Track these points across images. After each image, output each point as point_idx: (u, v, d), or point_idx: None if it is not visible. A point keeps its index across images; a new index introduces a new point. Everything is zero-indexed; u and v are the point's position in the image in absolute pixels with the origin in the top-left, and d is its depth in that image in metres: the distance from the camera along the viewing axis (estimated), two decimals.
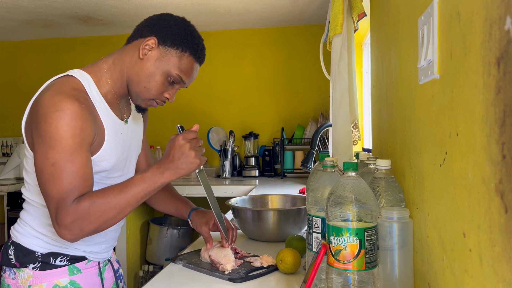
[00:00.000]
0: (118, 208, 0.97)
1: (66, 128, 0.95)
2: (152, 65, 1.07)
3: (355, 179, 0.76)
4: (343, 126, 1.52)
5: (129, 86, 1.11)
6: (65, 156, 0.95)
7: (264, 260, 1.10)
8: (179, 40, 1.08)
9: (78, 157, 0.97)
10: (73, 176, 0.96)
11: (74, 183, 0.96)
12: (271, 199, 1.60)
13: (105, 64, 1.11)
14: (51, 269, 1.08)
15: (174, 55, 1.08)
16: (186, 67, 1.10)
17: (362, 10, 1.46)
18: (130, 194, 0.98)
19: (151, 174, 1.00)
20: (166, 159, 1.01)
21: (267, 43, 3.52)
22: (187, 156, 1.00)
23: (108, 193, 0.97)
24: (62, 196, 0.95)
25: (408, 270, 0.81)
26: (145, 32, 1.09)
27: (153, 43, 1.07)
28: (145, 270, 3.07)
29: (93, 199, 0.96)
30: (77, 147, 0.97)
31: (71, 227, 0.94)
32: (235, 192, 2.80)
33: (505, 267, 0.44)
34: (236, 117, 3.56)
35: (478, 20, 0.50)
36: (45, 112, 0.95)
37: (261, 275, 1.06)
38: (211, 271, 1.08)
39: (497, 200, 0.45)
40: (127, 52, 1.10)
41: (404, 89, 0.94)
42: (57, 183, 0.95)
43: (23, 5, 2.86)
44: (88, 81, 1.06)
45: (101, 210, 0.95)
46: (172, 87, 1.11)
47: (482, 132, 0.50)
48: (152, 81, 1.08)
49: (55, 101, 0.96)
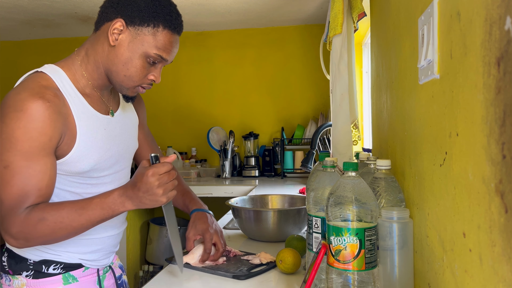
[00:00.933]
0: (70, 229, 0.92)
1: (23, 131, 0.89)
2: (126, 50, 0.98)
3: (355, 179, 0.76)
4: (343, 126, 1.52)
5: (109, 77, 1.02)
6: (19, 159, 0.89)
7: (262, 257, 1.11)
8: (147, 15, 0.97)
9: (34, 162, 0.90)
10: (26, 182, 0.90)
11: (26, 190, 0.90)
12: (271, 199, 1.60)
13: (78, 56, 1.03)
14: (44, 278, 1.02)
15: (146, 33, 0.97)
16: (164, 43, 0.99)
17: (362, 10, 1.46)
18: (85, 217, 0.93)
19: (111, 201, 0.94)
20: (131, 189, 0.94)
21: (267, 43, 3.52)
22: (153, 194, 0.92)
23: (62, 211, 0.92)
24: (11, 203, 0.89)
25: (408, 270, 0.81)
26: (110, 14, 0.99)
27: (120, 26, 0.97)
28: (145, 270, 3.07)
29: (44, 215, 0.90)
30: (34, 151, 0.90)
31: (16, 236, 0.90)
32: (235, 192, 2.80)
33: (505, 267, 0.44)
34: (236, 117, 3.56)
35: (478, 20, 0.50)
36: (5, 112, 0.91)
37: (263, 271, 1.07)
38: (213, 269, 1.08)
39: (497, 200, 0.45)
40: (98, 41, 1.01)
41: (404, 89, 0.94)
42: (7, 187, 0.89)
43: (23, 5, 2.86)
44: (61, 76, 0.99)
45: (49, 228, 0.91)
46: (154, 68, 1.02)
47: (482, 132, 0.50)
48: (131, 67, 0.98)
49: (16, 101, 0.91)
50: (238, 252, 1.19)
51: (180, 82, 3.60)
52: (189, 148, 3.57)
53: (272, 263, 1.11)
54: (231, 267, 1.09)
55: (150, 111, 4.16)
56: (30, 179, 0.90)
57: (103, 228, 1.08)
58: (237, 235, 1.47)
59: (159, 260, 3.12)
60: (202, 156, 3.57)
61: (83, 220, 0.93)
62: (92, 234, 1.06)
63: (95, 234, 1.07)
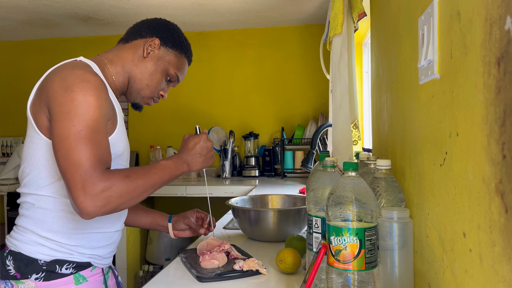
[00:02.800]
0: (146, 186, 0.97)
1: (95, 98, 0.94)
2: (154, 64, 1.16)
3: (355, 179, 0.76)
4: (343, 126, 1.52)
5: (130, 83, 1.16)
6: (92, 124, 0.93)
7: (245, 264, 1.07)
8: (178, 43, 1.19)
9: (102, 128, 0.96)
10: (100, 146, 0.93)
11: (101, 153, 0.93)
12: (271, 199, 1.60)
13: (106, 59, 1.14)
14: (56, 279, 1.01)
15: (173, 56, 1.19)
16: (182, 67, 1.22)
17: (362, 10, 1.46)
18: (157, 175, 1.00)
19: (174, 162, 1.06)
20: (187, 153, 1.10)
21: (267, 43, 3.52)
22: (208, 153, 1.13)
23: (139, 171, 0.98)
24: (93, 164, 0.90)
25: (408, 270, 0.81)
26: (145, 33, 1.17)
27: (157, 44, 1.15)
28: (145, 270, 3.07)
29: (126, 173, 0.95)
30: (101, 119, 0.95)
31: (99, 197, 0.88)
32: (235, 192, 2.80)
33: (505, 267, 0.44)
34: (236, 117, 3.56)
35: (478, 20, 0.50)
36: (71, 84, 0.94)
37: (231, 278, 1.03)
38: (191, 268, 1.09)
39: (497, 200, 0.45)
40: (127, 51, 1.16)
41: (404, 89, 0.94)
42: (86, 149, 0.90)
43: (23, 5, 2.85)
44: (96, 68, 1.08)
45: (133, 184, 0.94)
46: (167, 86, 1.22)
47: (482, 132, 0.50)
48: (154, 78, 1.16)
49: (79, 74, 0.96)
50: (238, 256, 1.17)
51: (180, 82, 3.60)
52: None
53: (252, 271, 1.05)
54: (217, 267, 1.09)
55: (150, 111, 4.16)
56: (102, 142, 0.95)
57: (111, 222, 1.12)
58: (237, 235, 1.47)
59: (159, 260, 3.12)
60: None
61: (156, 178, 1.00)
62: (103, 228, 1.10)
63: (105, 228, 1.10)
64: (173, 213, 1.38)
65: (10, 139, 3.83)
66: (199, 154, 1.11)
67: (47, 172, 1.02)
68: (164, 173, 1.02)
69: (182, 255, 1.21)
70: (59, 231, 1.03)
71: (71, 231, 1.04)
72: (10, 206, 3.02)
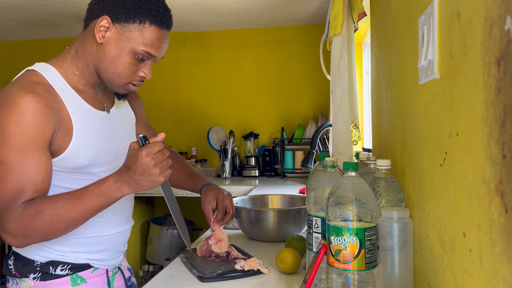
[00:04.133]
0: (68, 220, 0.89)
1: (15, 125, 0.88)
2: (113, 47, 0.97)
3: (355, 179, 0.76)
4: (343, 126, 1.52)
5: (98, 74, 1.02)
6: (13, 155, 0.88)
7: (246, 263, 1.06)
8: (133, 11, 0.96)
9: (28, 157, 0.89)
10: (21, 178, 0.88)
11: (21, 185, 0.88)
12: (271, 199, 1.60)
13: (69, 54, 1.04)
14: (52, 279, 1.01)
15: (133, 30, 0.96)
16: (151, 39, 0.98)
17: (362, 10, 1.46)
18: (82, 207, 0.90)
19: (107, 188, 0.90)
20: (126, 172, 0.90)
21: (267, 43, 3.52)
22: (150, 174, 0.89)
23: (58, 203, 0.89)
24: (6, 199, 0.88)
25: (408, 270, 0.81)
26: (97, 11, 0.99)
27: (107, 23, 0.97)
28: (145, 270, 3.07)
29: (40, 208, 0.88)
30: (27, 145, 0.89)
31: (14, 233, 0.88)
32: (235, 192, 2.80)
33: (505, 267, 0.44)
34: (236, 117, 3.56)
35: (478, 20, 0.50)
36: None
37: (233, 278, 1.03)
38: (192, 268, 1.08)
39: (497, 200, 0.45)
40: (86, 38, 1.02)
41: (404, 89, 0.94)
42: (2, 184, 0.87)
43: (23, 5, 2.86)
44: (52, 73, 1.00)
45: (47, 221, 0.88)
46: (144, 64, 1.01)
47: (482, 132, 0.50)
48: (119, 64, 0.98)
49: (6, 96, 0.90)
50: (238, 256, 1.16)
51: (180, 82, 3.60)
52: (189, 148, 3.57)
53: (253, 270, 1.05)
54: (218, 267, 1.09)
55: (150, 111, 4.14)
56: (25, 173, 0.88)
57: (109, 225, 1.08)
58: (237, 235, 1.47)
59: (159, 260, 3.12)
60: (202, 156, 3.57)
61: (80, 210, 0.89)
62: (99, 232, 1.06)
63: (101, 232, 1.07)
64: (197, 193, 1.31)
65: None
66: (138, 175, 0.89)
67: None
68: (91, 202, 0.90)
69: (182, 255, 1.21)
70: None
71: (64, 238, 1.01)
72: None
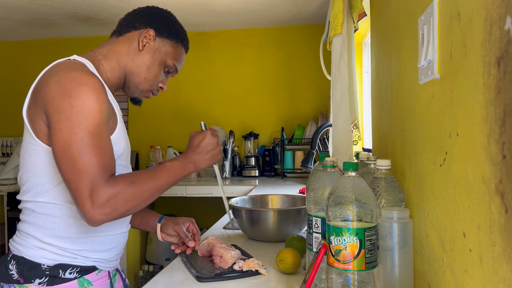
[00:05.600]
0: (152, 190, 0.96)
1: (95, 102, 0.92)
2: (151, 56, 1.12)
3: (355, 179, 0.76)
4: (343, 126, 1.52)
5: (127, 78, 1.12)
6: (94, 130, 0.91)
7: (245, 264, 1.06)
8: (173, 32, 1.14)
9: (105, 133, 0.94)
10: (104, 152, 0.92)
11: (105, 160, 0.92)
12: (271, 199, 1.60)
13: (99, 55, 1.10)
14: (59, 284, 0.99)
15: (169, 46, 1.14)
16: (179, 57, 1.17)
17: (362, 10, 1.46)
18: (163, 178, 0.99)
19: (179, 163, 1.03)
20: (193, 151, 1.06)
21: (267, 43, 3.52)
22: (214, 149, 1.08)
23: (144, 175, 0.97)
24: (97, 172, 0.89)
25: (408, 270, 0.81)
26: (139, 24, 1.12)
27: (151, 35, 1.11)
28: (145, 270, 3.07)
29: (131, 178, 0.93)
30: (103, 122, 0.93)
31: (106, 205, 0.89)
32: (235, 192, 2.80)
33: (505, 267, 0.44)
34: (236, 117, 3.56)
35: (478, 20, 0.50)
36: (68, 88, 0.91)
37: (231, 278, 1.03)
38: (191, 268, 1.08)
39: (497, 200, 0.45)
40: (122, 44, 1.11)
41: (404, 89, 0.94)
42: (89, 158, 0.89)
43: (23, 5, 2.86)
44: (91, 67, 1.04)
45: (138, 190, 0.93)
46: (165, 77, 1.18)
47: (482, 132, 0.50)
48: (152, 71, 1.13)
49: (75, 77, 0.93)
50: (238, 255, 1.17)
51: (180, 82, 3.60)
52: None
53: (251, 271, 1.05)
54: (217, 268, 1.08)
55: (150, 111, 4.15)
56: (106, 148, 0.93)
57: (116, 225, 1.09)
58: (237, 235, 1.47)
59: (159, 260, 3.12)
60: None
61: (162, 181, 0.99)
62: (107, 231, 1.07)
63: (109, 231, 1.08)
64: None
65: (10, 140, 3.83)
66: (204, 151, 1.07)
67: (46, 178, 1.00)
68: (169, 175, 1.00)
69: (183, 255, 1.21)
70: (61, 236, 1.01)
71: (74, 236, 1.02)
72: (10, 206, 3.02)
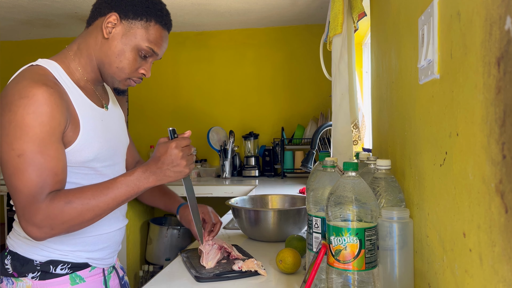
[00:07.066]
0: (97, 210, 0.92)
1: (33, 116, 0.88)
2: (119, 42, 1.02)
3: (355, 179, 0.76)
4: (343, 126, 1.52)
5: (101, 69, 1.05)
6: (32, 146, 0.88)
7: (244, 264, 1.06)
8: (140, 10, 1.02)
9: (47, 147, 0.89)
10: (42, 169, 0.88)
11: (44, 177, 0.89)
12: (271, 199, 1.60)
13: (70, 51, 1.06)
14: (51, 279, 1.01)
15: (139, 27, 1.02)
16: (155, 37, 1.04)
17: (362, 10, 1.45)
18: (110, 196, 0.93)
19: (135, 178, 0.95)
20: (154, 164, 0.97)
21: (267, 43, 3.52)
22: (177, 165, 0.97)
23: (87, 193, 0.91)
24: (31, 191, 0.87)
25: (408, 270, 0.81)
26: (104, 9, 1.04)
27: (115, 19, 1.01)
28: (145, 270, 3.07)
29: (69, 198, 0.90)
30: (46, 137, 0.89)
31: (41, 224, 0.88)
32: (235, 192, 2.80)
33: (505, 267, 0.44)
34: (236, 117, 3.56)
35: (478, 20, 0.50)
36: (9, 102, 0.89)
37: (230, 278, 1.02)
38: (190, 268, 1.08)
39: (497, 200, 0.45)
40: (90, 35, 1.05)
41: (404, 89, 0.94)
42: (25, 176, 0.87)
43: (23, 5, 2.86)
44: (57, 68, 1.01)
45: (77, 211, 0.90)
46: (145, 62, 1.06)
47: (482, 133, 0.50)
48: (124, 59, 1.03)
49: (19, 88, 0.90)
50: (238, 256, 1.16)
51: (180, 82, 3.60)
52: None
53: (251, 272, 1.05)
54: (217, 268, 1.09)
55: (150, 111, 4.14)
56: (45, 164, 0.89)
57: (108, 222, 1.08)
58: (237, 235, 1.47)
59: (159, 260, 3.12)
60: (202, 156, 3.57)
61: (109, 200, 0.93)
62: (99, 230, 1.06)
63: (101, 231, 1.07)
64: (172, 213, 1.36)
65: None
66: (166, 167, 0.97)
67: None
68: (120, 192, 0.94)
69: (184, 254, 1.21)
70: None
71: (64, 237, 1.02)
72: (10, 206, 3.02)
